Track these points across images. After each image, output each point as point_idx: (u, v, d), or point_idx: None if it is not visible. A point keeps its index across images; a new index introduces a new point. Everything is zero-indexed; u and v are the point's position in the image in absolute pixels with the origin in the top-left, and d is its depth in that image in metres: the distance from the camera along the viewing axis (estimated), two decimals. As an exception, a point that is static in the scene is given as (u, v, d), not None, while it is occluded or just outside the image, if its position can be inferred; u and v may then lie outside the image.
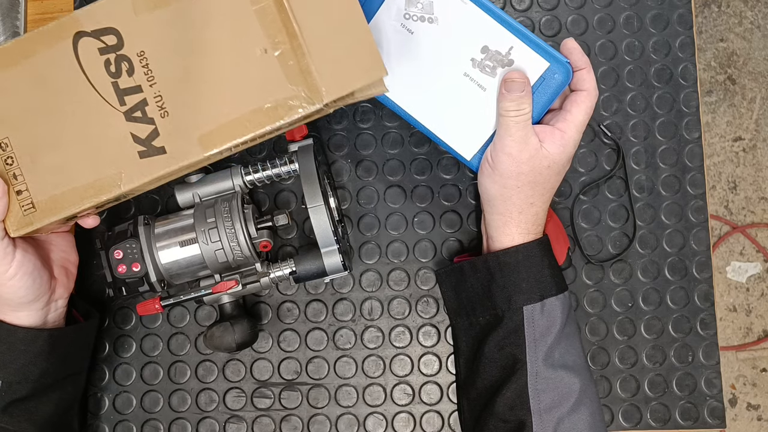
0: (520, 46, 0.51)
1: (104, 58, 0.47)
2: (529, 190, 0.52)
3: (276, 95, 0.46)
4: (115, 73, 0.47)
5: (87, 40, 0.47)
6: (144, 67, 0.47)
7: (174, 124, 0.47)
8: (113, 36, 0.47)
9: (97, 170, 0.48)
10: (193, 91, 0.47)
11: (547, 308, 0.52)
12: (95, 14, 0.47)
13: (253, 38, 0.46)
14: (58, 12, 0.68)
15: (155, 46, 0.47)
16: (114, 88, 0.47)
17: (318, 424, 0.64)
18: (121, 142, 0.48)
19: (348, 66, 0.45)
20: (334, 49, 0.45)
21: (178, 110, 0.47)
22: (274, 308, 0.65)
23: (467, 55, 0.52)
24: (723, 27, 1.55)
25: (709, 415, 0.64)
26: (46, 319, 0.54)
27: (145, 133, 0.47)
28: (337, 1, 0.45)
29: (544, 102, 0.52)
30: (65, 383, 0.56)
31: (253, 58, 0.46)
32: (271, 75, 0.46)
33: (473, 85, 0.53)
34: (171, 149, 0.47)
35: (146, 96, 0.47)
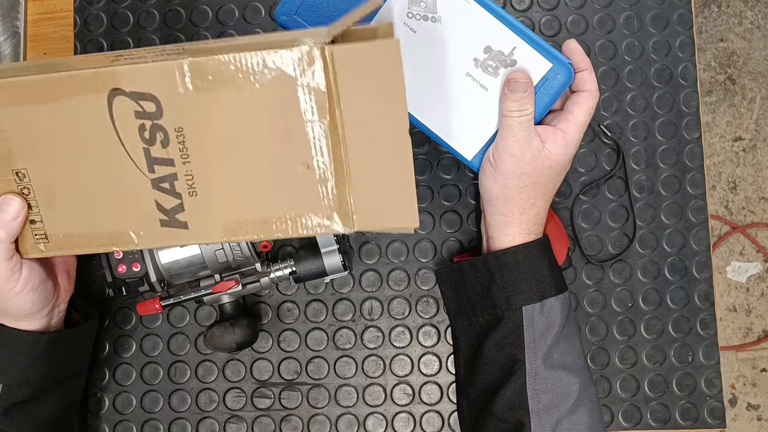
0: (523, 47, 0.51)
1: (140, 122, 0.44)
2: (531, 190, 0.52)
3: (308, 210, 0.45)
4: (149, 140, 0.45)
5: (124, 99, 0.44)
6: (180, 144, 0.44)
7: (201, 206, 0.46)
8: (152, 104, 0.44)
9: (116, 224, 0.47)
10: (226, 180, 0.45)
11: (546, 308, 0.52)
12: (137, 76, 0.43)
13: (299, 150, 0.44)
14: (58, 12, 0.68)
15: (196, 126, 0.44)
16: (145, 154, 0.45)
17: (318, 424, 0.64)
18: (144, 205, 0.46)
19: (384, 207, 0.45)
20: (375, 186, 0.44)
21: (208, 193, 0.46)
22: (274, 308, 0.65)
23: (470, 55, 0.52)
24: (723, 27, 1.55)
25: (709, 415, 0.64)
26: (49, 324, 0.54)
27: (170, 205, 0.46)
28: (391, 143, 0.44)
29: (546, 102, 0.52)
30: (65, 385, 0.56)
31: (294, 169, 0.44)
32: (308, 191, 0.45)
33: (475, 85, 0.53)
34: (193, 227, 0.46)
35: (177, 171, 0.45)
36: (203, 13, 0.67)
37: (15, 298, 0.49)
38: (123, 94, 0.43)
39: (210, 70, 0.43)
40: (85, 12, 0.68)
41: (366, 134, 0.44)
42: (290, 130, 0.44)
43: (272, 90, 0.43)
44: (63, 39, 0.68)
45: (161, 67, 0.43)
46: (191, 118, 0.44)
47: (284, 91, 0.43)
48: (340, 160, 0.44)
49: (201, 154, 0.45)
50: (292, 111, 0.43)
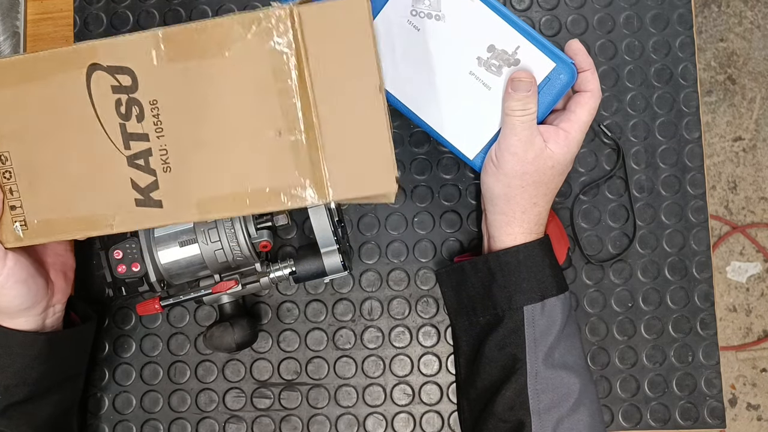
0: (526, 46, 0.51)
1: (116, 97, 0.45)
2: (533, 190, 0.52)
3: (281, 181, 0.45)
4: (124, 115, 0.46)
5: (101, 74, 0.45)
6: (154, 117, 0.45)
7: (175, 182, 0.46)
8: (128, 77, 0.45)
9: (92, 206, 0.47)
10: (199, 154, 0.46)
11: (547, 308, 0.52)
12: (114, 50, 0.45)
13: (269, 117, 0.44)
14: (58, 12, 0.68)
15: (169, 98, 0.45)
16: (121, 130, 0.46)
17: (318, 424, 0.64)
18: (119, 186, 0.47)
19: (359, 173, 0.44)
20: (349, 151, 0.44)
21: (181, 169, 0.46)
22: (274, 308, 0.65)
23: (473, 54, 0.52)
24: (723, 27, 1.55)
25: (709, 415, 0.64)
26: (44, 324, 0.54)
27: (145, 183, 0.46)
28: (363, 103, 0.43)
29: (549, 102, 0.52)
30: (64, 386, 0.56)
31: (265, 136, 0.44)
32: (280, 159, 0.44)
33: (478, 83, 0.53)
34: (167, 205, 0.47)
35: (152, 146, 0.46)
36: (203, 13, 0.67)
37: (1, 292, 0.49)
38: (101, 69, 0.45)
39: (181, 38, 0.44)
40: (85, 12, 0.68)
41: (337, 97, 0.43)
42: (261, 96, 0.44)
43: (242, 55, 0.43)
44: (63, 39, 0.68)
45: (136, 38, 0.44)
46: (165, 90, 0.45)
47: (254, 55, 0.43)
48: (311, 124, 0.43)
49: (175, 128, 0.45)
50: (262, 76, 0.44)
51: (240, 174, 0.45)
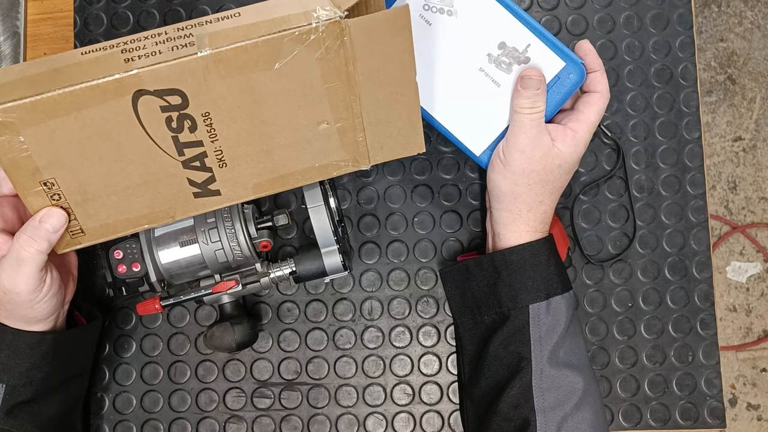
0: (537, 44, 0.51)
1: (166, 115, 0.46)
2: (539, 188, 0.52)
3: (330, 158, 0.50)
4: (176, 128, 0.46)
5: (149, 98, 0.44)
6: (207, 126, 0.47)
7: (231, 174, 0.49)
8: (178, 97, 0.45)
9: (151, 206, 0.49)
10: (253, 148, 0.48)
11: (552, 307, 0.52)
12: (161, 76, 0.44)
13: (319, 112, 0.48)
14: (58, 12, 0.68)
15: (221, 108, 0.46)
16: (174, 141, 0.47)
17: (318, 424, 0.64)
18: (177, 185, 0.49)
19: (395, 142, 0.51)
20: (387, 128, 0.50)
21: (237, 162, 0.49)
22: (274, 308, 0.65)
23: (484, 50, 0.52)
24: (723, 27, 1.55)
25: (709, 415, 0.64)
26: (54, 326, 0.54)
27: (202, 179, 0.49)
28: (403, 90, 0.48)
29: (558, 101, 0.52)
30: (69, 385, 0.56)
31: (315, 127, 0.48)
32: (329, 143, 0.49)
33: (488, 80, 0.53)
34: (225, 192, 0.50)
35: (206, 149, 0.48)
36: (203, 13, 0.67)
37: (38, 305, 0.50)
38: (147, 94, 0.44)
39: (232, 58, 0.44)
40: (85, 12, 0.68)
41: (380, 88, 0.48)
42: (311, 96, 0.47)
43: (294, 66, 0.45)
44: (63, 39, 0.68)
45: (184, 63, 0.43)
46: (217, 103, 0.46)
47: (305, 64, 0.45)
48: (356, 113, 0.48)
49: (228, 132, 0.47)
50: (314, 80, 0.46)
51: (293, 158, 0.50)
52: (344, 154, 0.50)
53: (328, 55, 0.45)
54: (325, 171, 0.51)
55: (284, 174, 0.50)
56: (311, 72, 0.45)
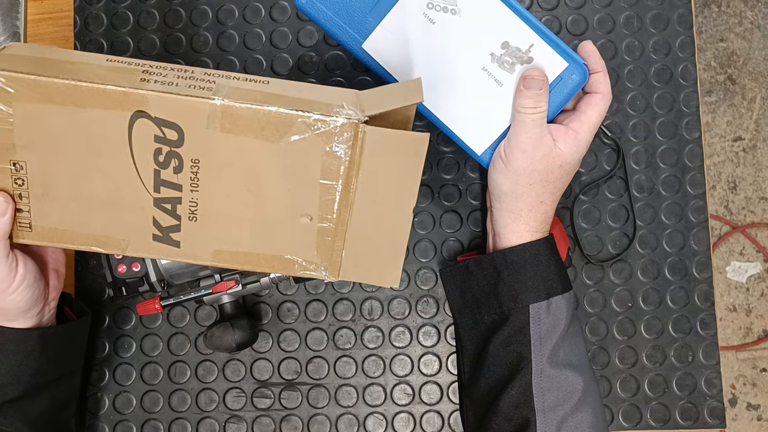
0: (540, 44, 0.51)
1: (157, 146, 0.45)
2: (540, 188, 0.52)
3: (300, 255, 0.48)
4: (162, 163, 0.45)
5: (147, 122, 0.44)
6: (192, 173, 0.45)
7: (197, 231, 0.47)
8: (175, 132, 0.44)
9: (107, 229, 0.48)
10: (229, 215, 0.47)
11: (553, 307, 0.52)
12: (166, 106, 0.43)
13: (306, 204, 0.46)
14: (57, 12, 0.68)
15: (213, 162, 0.45)
16: (155, 175, 0.46)
17: (318, 424, 0.64)
18: (140, 219, 0.47)
19: (371, 266, 0.49)
20: (368, 247, 0.48)
21: (207, 221, 0.47)
22: (274, 308, 0.65)
23: (487, 50, 0.52)
24: (723, 27, 1.55)
25: (709, 415, 0.64)
26: (40, 322, 0.53)
27: (167, 224, 0.47)
28: (396, 218, 0.47)
29: (560, 102, 0.52)
30: (59, 383, 0.56)
31: (296, 218, 0.47)
32: (304, 238, 0.47)
33: (490, 80, 0.53)
34: (185, 247, 0.48)
35: (183, 197, 0.46)
36: (203, 13, 0.67)
37: (11, 296, 0.49)
38: (147, 118, 0.44)
39: (242, 116, 0.43)
40: (85, 12, 0.68)
41: (374, 205, 0.46)
42: (304, 184, 0.45)
43: (298, 149, 0.44)
44: (63, 39, 0.68)
45: (194, 103, 0.43)
46: (211, 154, 0.45)
47: (310, 152, 0.44)
48: (343, 220, 0.46)
49: (211, 188, 0.46)
50: (312, 170, 0.45)
51: (263, 240, 0.48)
52: (315, 257, 0.48)
53: (336, 152, 0.44)
54: (290, 267, 0.49)
55: (248, 252, 0.48)
56: (313, 162, 0.44)
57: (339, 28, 0.53)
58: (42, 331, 0.53)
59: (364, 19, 0.53)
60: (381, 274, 0.49)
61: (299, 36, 0.67)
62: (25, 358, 0.52)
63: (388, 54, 0.54)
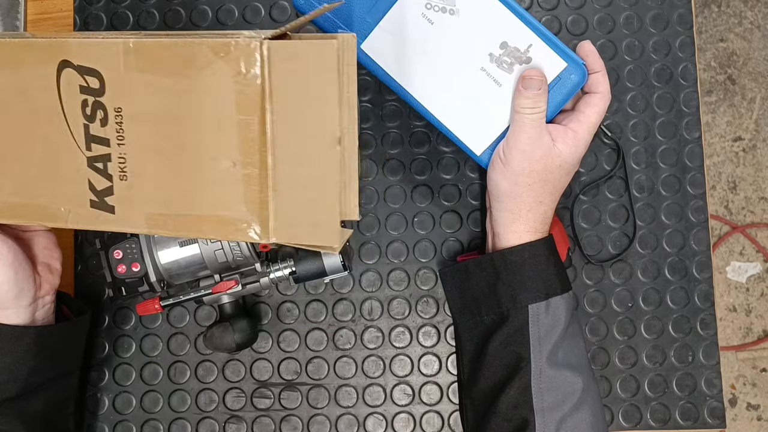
0: (539, 45, 0.51)
1: (83, 97, 0.45)
2: (539, 188, 0.52)
3: (229, 211, 0.44)
4: (89, 116, 0.45)
5: (71, 72, 0.45)
6: (117, 125, 0.45)
7: (128, 191, 0.46)
8: (96, 80, 0.44)
9: (50, 198, 0.48)
10: (155, 169, 0.45)
11: (552, 307, 0.52)
12: (85, 50, 0.44)
13: (227, 147, 0.43)
14: (57, 12, 0.68)
15: (133, 108, 0.45)
16: (85, 131, 0.46)
17: (318, 425, 0.64)
18: (77, 183, 0.47)
19: (304, 222, 0.43)
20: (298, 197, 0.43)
21: (137, 180, 0.46)
22: (274, 308, 0.65)
23: (485, 50, 0.52)
24: (723, 27, 1.55)
25: (709, 415, 0.64)
26: (35, 317, 0.53)
27: (101, 186, 0.47)
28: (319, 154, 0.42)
29: (558, 102, 0.52)
30: (57, 383, 0.55)
31: (220, 165, 0.44)
32: (231, 190, 0.44)
33: (489, 80, 0.53)
34: (119, 213, 0.47)
35: (111, 152, 0.46)
36: (203, 13, 0.67)
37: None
38: (71, 67, 0.44)
39: (151, 51, 0.43)
40: (85, 12, 0.68)
41: (294, 141, 0.42)
42: (222, 124, 0.43)
43: (208, 81, 0.42)
44: (63, 39, 0.68)
45: (108, 43, 0.44)
46: (130, 99, 0.44)
47: (219, 83, 0.42)
48: (265, 163, 0.43)
49: (135, 139, 0.45)
50: (225, 105, 0.42)
51: (191, 198, 0.45)
52: (246, 213, 0.44)
53: (245, 81, 0.41)
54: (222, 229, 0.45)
55: (179, 214, 0.46)
56: (226, 96, 0.42)
57: (337, 29, 0.54)
58: (39, 328, 0.52)
59: (363, 19, 0.53)
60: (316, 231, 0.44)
61: (299, 36, 0.67)
62: (22, 357, 0.51)
63: (387, 54, 0.54)
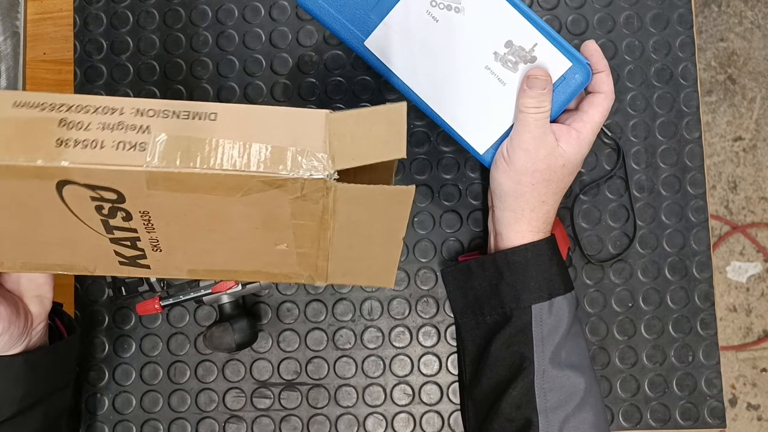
0: (544, 44, 0.51)
1: (95, 204, 0.39)
2: (542, 188, 0.52)
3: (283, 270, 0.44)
4: (107, 215, 0.39)
5: (76, 188, 0.37)
6: (144, 221, 0.40)
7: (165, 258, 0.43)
8: (113, 194, 0.38)
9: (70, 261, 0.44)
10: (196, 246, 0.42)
11: (555, 307, 0.52)
12: (94, 175, 0.36)
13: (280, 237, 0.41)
14: (57, 12, 0.68)
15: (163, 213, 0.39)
16: (103, 223, 0.40)
17: (318, 424, 0.64)
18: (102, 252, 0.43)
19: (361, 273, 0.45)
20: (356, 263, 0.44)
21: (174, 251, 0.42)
22: (273, 308, 0.65)
23: (490, 49, 0.52)
24: (723, 27, 1.55)
25: (709, 415, 0.64)
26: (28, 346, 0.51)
27: (131, 254, 0.43)
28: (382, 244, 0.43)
29: (563, 101, 0.52)
30: (51, 398, 0.54)
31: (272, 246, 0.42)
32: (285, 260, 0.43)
33: (493, 79, 0.53)
34: (156, 269, 0.44)
35: (140, 236, 0.41)
36: (203, 12, 0.67)
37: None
38: (76, 185, 0.37)
39: (185, 180, 0.36)
40: (84, 12, 0.68)
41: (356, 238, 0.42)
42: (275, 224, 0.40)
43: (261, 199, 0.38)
44: (63, 39, 0.68)
45: (126, 172, 0.36)
46: (159, 207, 0.39)
47: (275, 202, 0.38)
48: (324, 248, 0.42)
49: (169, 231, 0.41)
50: (279, 214, 0.39)
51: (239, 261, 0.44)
52: (299, 270, 0.44)
53: (305, 201, 0.38)
54: (273, 278, 0.45)
55: (225, 270, 0.45)
56: (280, 208, 0.38)
57: (341, 26, 0.53)
58: (26, 356, 0.50)
59: (367, 16, 0.53)
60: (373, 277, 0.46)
61: (299, 36, 0.67)
62: (14, 383, 0.50)
63: (391, 52, 0.54)
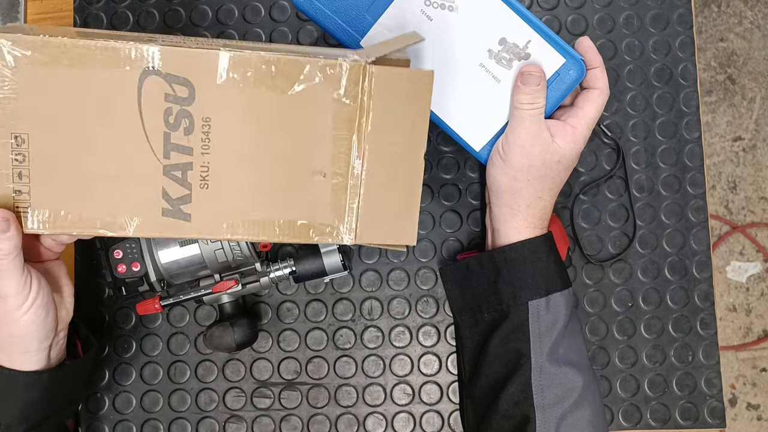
0: (537, 41, 0.52)
1: (167, 105, 0.43)
2: (538, 183, 0.53)
3: (315, 218, 0.46)
4: (172, 125, 0.43)
5: (156, 79, 0.42)
6: (204, 134, 0.44)
7: (209, 200, 0.45)
8: (186, 89, 0.42)
9: (111, 209, 0.44)
10: (241, 178, 0.45)
11: (552, 304, 0.52)
12: (177, 59, 0.42)
13: (319, 158, 0.45)
14: (57, 12, 0.68)
15: (224, 119, 0.43)
16: (164, 138, 0.43)
17: (318, 424, 0.64)
18: (149, 191, 0.44)
19: (387, 225, 0.47)
20: (383, 203, 0.47)
21: (220, 188, 0.45)
22: (274, 308, 0.65)
23: (484, 46, 0.53)
24: (723, 27, 1.55)
25: (709, 415, 0.64)
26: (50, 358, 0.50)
27: (177, 195, 0.45)
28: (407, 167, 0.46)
29: (557, 97, 0.53)
30: (64, 410, 0.54)
31: (309, 176, 0.46)
32: (319, 198, 0.46)
33: (488, 76, 0.53)
34: (196, 221, 0.45)
35: (193, 161, 0.44)
36: (203, 12, 0.67)
37: (23, 317, 0.45)
38: (157, 74, 0.42)
39: (252, 65, 0.42)
40: (85, 12, 0.68)
41: (386, 154, 0.46)
42: (315, 137, 0.45)
43: (308, 98, 0.44)
44: (63, 39, 0.68)
45: (204, 54, 0.42)
46: (221, 110, 0.43)
47: (318, 99, 0.44)
48: (357, 175, 0.46)
49: (222, 149, 0.44)
50: (321, 120, 0.44)
51: (277, 203, 0.46)
52: (331, 218, 0.46)
53: (345, 99, 0.44)
54: (306, 233, 0.47)
55: (263, 220, 0.46)
56: (323, 112, 0.44)
57: (337, 26, 0.54)
58: (51, 374, 0.50)
59: (362, 16, 0.53)
60: (397, 232, 0.48)
61: (299, 35, 0.67)
62: (35, 401, 0.49)
63: None
